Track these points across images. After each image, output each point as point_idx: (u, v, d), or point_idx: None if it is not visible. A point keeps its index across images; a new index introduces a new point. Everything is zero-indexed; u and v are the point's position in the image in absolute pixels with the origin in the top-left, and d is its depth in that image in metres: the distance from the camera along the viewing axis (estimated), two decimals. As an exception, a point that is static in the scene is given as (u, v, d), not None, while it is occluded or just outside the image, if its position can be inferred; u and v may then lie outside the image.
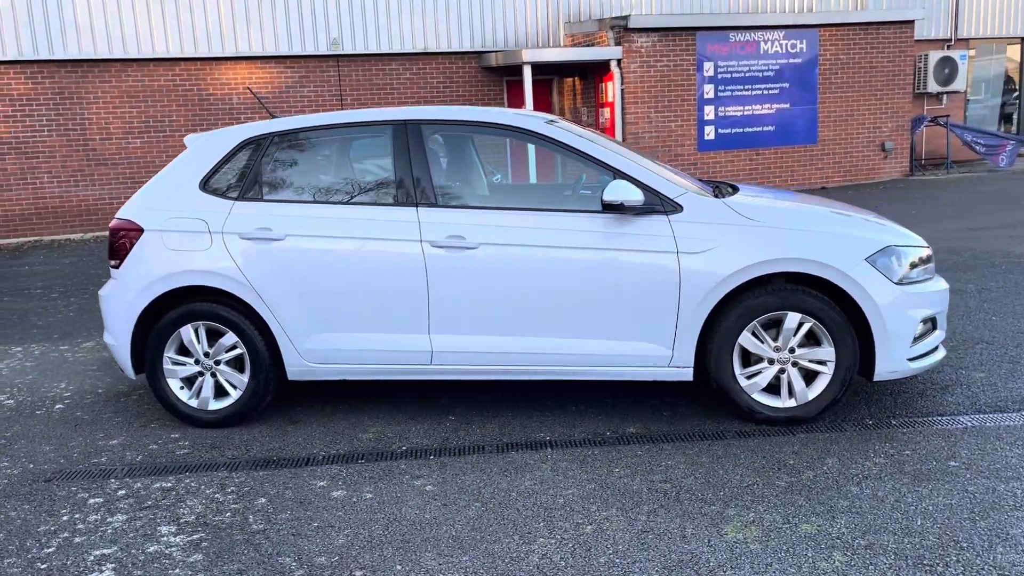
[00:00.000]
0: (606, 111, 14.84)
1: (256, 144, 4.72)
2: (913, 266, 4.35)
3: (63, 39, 13.80)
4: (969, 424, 4.27)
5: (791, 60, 15.11)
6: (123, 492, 3.91)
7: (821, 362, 4.30)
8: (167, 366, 4.67)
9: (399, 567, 3.15)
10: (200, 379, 4.67)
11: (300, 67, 15.02)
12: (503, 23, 15.77)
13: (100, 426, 4.81)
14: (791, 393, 4.35)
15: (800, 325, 4.27)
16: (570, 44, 15.86)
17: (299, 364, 4.60)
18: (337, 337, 4.55)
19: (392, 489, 3.82)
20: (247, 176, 4.68)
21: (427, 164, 4.54)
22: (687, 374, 4.40)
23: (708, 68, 14.69)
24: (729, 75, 14.82)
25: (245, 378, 4.63)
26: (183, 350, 4.67)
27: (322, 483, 3.93)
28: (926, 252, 4.49)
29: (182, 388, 4.70)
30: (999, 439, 4.07)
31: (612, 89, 14.46)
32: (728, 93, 14.88)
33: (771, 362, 4.33)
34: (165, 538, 3.45)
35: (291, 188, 4.66)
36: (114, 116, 14.32)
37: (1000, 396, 4.63)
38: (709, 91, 14.77)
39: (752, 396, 4.36)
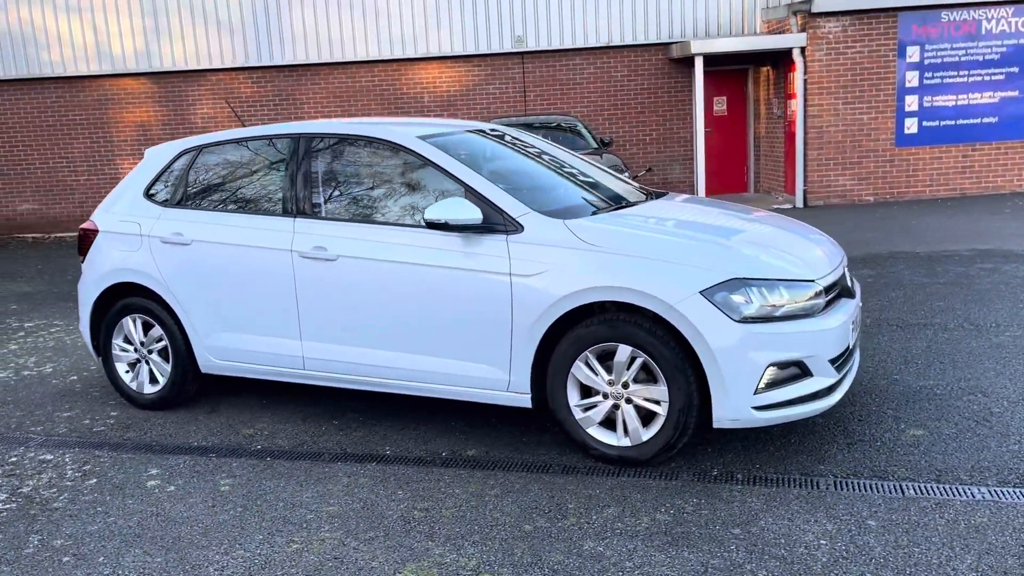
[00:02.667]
0: (793, 103, 13.80)
1: (188, 155, 5.19)
2: (780, 303, 3.78)
3: (281, 47, 15.49)
4: (824, 487, 3.66)
5: (1023, 40, 13.02)
6: (14, 460, 4.56)
7: (656, 401, 3.91)
8: (115, 351, 5.30)
9: (101, 559, 3.42)
10: (139, 365, 5.26)
11: (486, 65, 15.57)
12: (692, 12, 15.19)
13: (75, 399, 5.57)
14: (626, 431, 4.00)
15: (633, 359, 3.91)
16: (765, 32, 14.91)
17: (206, 359, 5.01)
18: (233, 337, 4.89)
19: (195, 484, 4.10)
20: (177, 185, 5.16)
21: (308, 176, 4.72)
22: (526, 400, 4.19)
23: (912, 53, 13.10)
24: (939, 60, 13.11)
25: (169, 368, 5.14)
26: (128, 339, 5.28)
27: (154, 471, 4.30)
28: (810, 289, 3.87)
29: (127, 372, 5.31)
30: (828, 511, 3.46)
31: (796, 79, 13.41)
32: (937, 80, 13.17)
33: (605, 396, 4.01)
34: (-13, 504, 4.02)
35: (206, 196, 5.06)
36: (322, 115, 15.81)
37: (903, 462, 3.89)
38: (912, 79, 13.17)
39: (587, 430, 4.07)
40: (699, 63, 13.56)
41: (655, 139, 15.77)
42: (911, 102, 13.24)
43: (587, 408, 4.06)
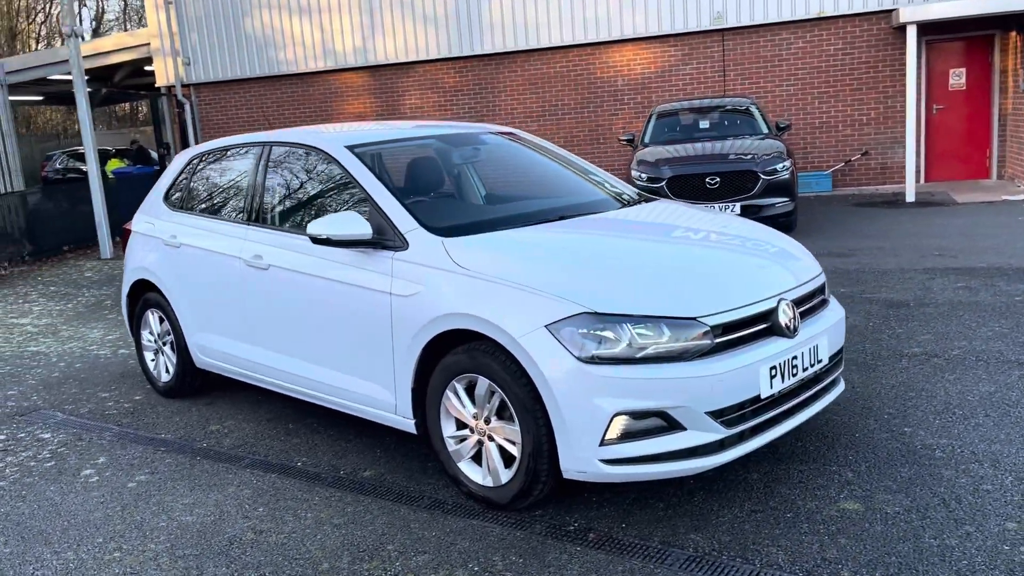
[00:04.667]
0: (1033, 75, 11.67)
1: (196, 160, 5.46)
2: (645, 343, 3.21)
3: (481, 37, 15.81)
4: (670, 562, 3.09)
5: None
6: (22, 435, 5.09)
7: (513, 442, 3.51)
8: (144, 341, 5.75)
9: (-30, 542, 3.75)
10: (158, 355, 5.66)
11: (683, 45, 14.80)
12: (919, -26, 13.32)
13: (123, 381, 6.11)
14: (490, 470, 3.63)
15: (492, 393, 3.54)
16: (1013, -10, 12.70)
17: (196, 356, 5.27)
18: (209, 337, 5.10)
19: (114, 478, 4.32)
20: (184, 190, 5.45)
21: (262, 184, 4.77)
22: (411, 426, 3.95)
23: None
24: None
25: (175, 360, 5.48)
26: (151, 331, 5.70)
27: (102, 459, 4.60)
28: (691, 329, 3.24)
29: (152, 360, 5.74)
30: (639, 595, 2.91)
31: (1035, 46, 11.31)
32: None
33: (472, 431, 3.67)
34: (-43, 476, 4.54)
35: (199, 201, 5.29)
36: (518, 103, 15.95)
37: (793, 543, 3.16)
38: None
39: (458, 464, 3.75)
40: (911, 32, 11.88)
41: (874, 119, 14.09)
42: None
43: (460, 440, 3.75)
